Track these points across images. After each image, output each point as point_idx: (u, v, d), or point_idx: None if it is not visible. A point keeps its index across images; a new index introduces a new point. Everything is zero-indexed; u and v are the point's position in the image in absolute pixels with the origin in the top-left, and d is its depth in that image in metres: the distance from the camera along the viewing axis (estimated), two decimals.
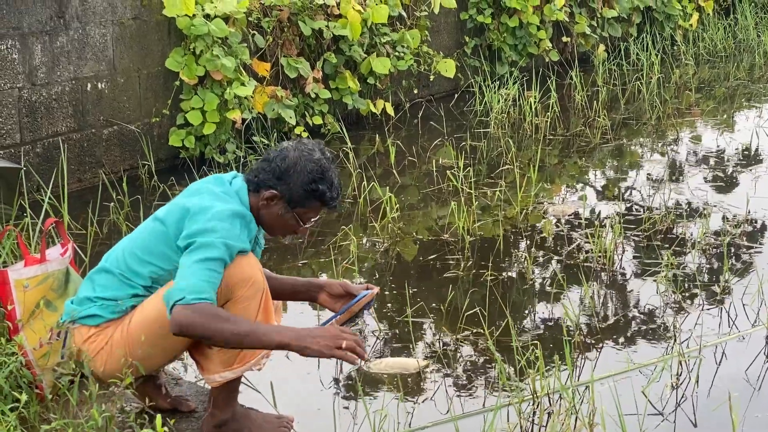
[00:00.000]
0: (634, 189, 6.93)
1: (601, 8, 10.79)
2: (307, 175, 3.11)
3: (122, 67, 6.65)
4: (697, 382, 4.04)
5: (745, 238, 5.77)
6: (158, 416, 2.79)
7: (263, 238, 3.40)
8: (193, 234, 2.97)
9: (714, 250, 5.56)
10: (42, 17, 6.09)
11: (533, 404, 3.75)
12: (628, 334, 4.63)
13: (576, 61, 9.70)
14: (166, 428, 2.76)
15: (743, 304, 4.82)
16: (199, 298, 2.86)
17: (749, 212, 6.11)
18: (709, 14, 12.34)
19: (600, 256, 5.40)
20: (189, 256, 2.95)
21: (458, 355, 4.41)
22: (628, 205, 6.50)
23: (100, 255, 3.35)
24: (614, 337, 4.59)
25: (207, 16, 6.81)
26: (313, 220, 3.22)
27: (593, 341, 4.51)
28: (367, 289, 3.35)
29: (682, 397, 3.96)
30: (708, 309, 4.82)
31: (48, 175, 5.95)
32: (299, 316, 4.64)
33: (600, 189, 7.01)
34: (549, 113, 8.31)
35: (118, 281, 3.11)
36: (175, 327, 2.87)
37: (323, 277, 3.46)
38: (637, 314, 4.86)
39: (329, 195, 3.15)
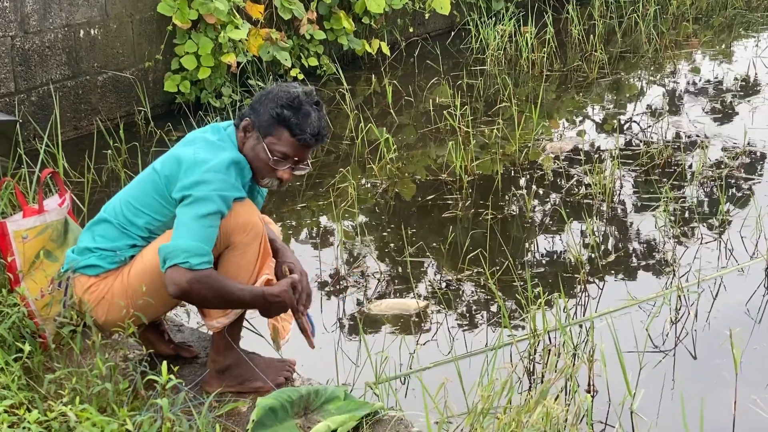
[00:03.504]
0: (632, 123, 6.91)
1: None
2: (276, 100, 3.09)
3: (114, 12, 6.59)
4: (696, 316, 4.07)
5: (743, 170, 5.76)
6: (164, 363, 2.81)
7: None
8: (188, 186, 2.96)
9: (712, 182, 5.56)
10: None
11: (534, 343, 3.78)
12: (628, 270, 4.65)
13: None
14: (171, 375, 2.78)
15: (741, 237, 4.83)
16: (203, 261, 2.90)
17: (747, 144, 6.09)
18: None
19: (599, 192, 5.40)
20: (186, 210, 2.94)
21: (459, 294, 4.43)
22: (627, 139, 6.49)
23: (99, 203, 3.35)
24: (614, 272, 4.61)
25: None
26: (303, 168, 3.16)
27: (594, 278, 4.52)
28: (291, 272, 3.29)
29: (682, 330, 3.99)
30: (707, 242, 4.84)
31: (44, 124, 5.92)
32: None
33: (598, 124, 6.98)
34: (546, 49, 8.25)
35: (117, 231, 3.11)
36: (176, 290, 2.92)
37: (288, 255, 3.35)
38: (637, 249, 4.87)
39: (295, 122, 3.06)
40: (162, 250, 2.94)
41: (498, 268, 4.55)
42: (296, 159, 3.12)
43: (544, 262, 4.77)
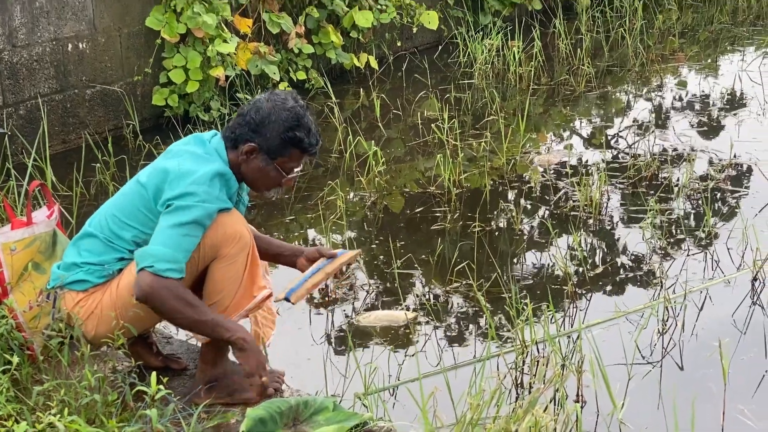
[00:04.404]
0: (620, 136, 6.95)
1: None
2: (282, 123, 3.11)
3: (103, 26, 6.60)
4: (683, 327, 4.08)
5: (729, 183, 5.80)
6: (153, 374, 2.81)
7: (247, 196, 3.40)
8: (171, 198, 2.97)
9: (699, 195, 5.59)
10: None
11: (522, 354, 3.79)
12: (616, 282, 4.67)
13: (559, 9, 9.67)
14: (160, 386, 2.78)
15: (728, 249, 4.85)
16: (170, 269, 2.89)
17: (733, 156, 6.13)
18: None
19: (586, 205, 5.42)
20: (165, 218, 2.96)
21: (447, 306, 4.44)
22: (614, 152, 6.52)
23: (88, 216, 3.35)
24: (602, 284, 4.63)
25: None
26: (296, 170, 3.22)
27: (582, 290, 4.54)
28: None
29: (670, 342, 4.01)
30: (693, 254, 4.86)
31: (32, 138, 5.91)
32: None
33: (585, 137, 7.01)
34: (533, 63, 8.29)
35: (103, 245, 3.11)
36: (139, 293, 2.92)
37: (307, 246, 3.50)
38: (625, 261, 4.89)
39: (307, 141, 3.14)
40: (135, 254, 2.95)
41: (486, 280, 4.56)
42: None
43: (532, 274, 4.79)
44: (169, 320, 3.07)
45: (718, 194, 5.64)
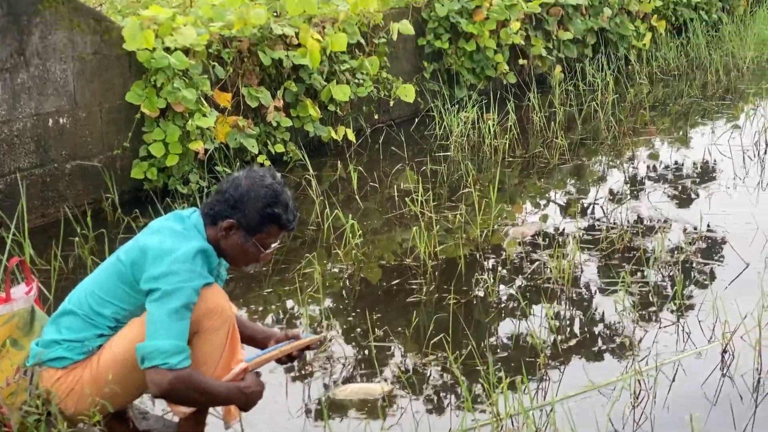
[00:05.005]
0: (593, 208, 7.05)
1: (557, 31, 10.95)
2: (261, 200, 3.20)
3: (84, 101, 6.68)
4: (655, 400, 4.14)
5: (699, 255, 5.89)
6: None
7: (225, 271, 3.47)
8: (155, 278, 3.02)
9: (670, 267, 5.68)
10: (2, 55, 6.11)
11: (497, 427, 3.83)
12: (590, 354, 4.72)
13: (533, 83, 9.84)
14: None
15: (699, 321, 4.93)
16: (182, 360, 2.98)
17: (704, 229, 6.24)
18: (661, 34, 12.53)
19: (560, 277, 5.50)
20: (157, 306, 3.00)
21: (424, 378, 4.48)
22: (587, 224, 6.61)
23: (66, 290, 3.39)
24: (576, 356, 4.68)
25: (167, 49, 6.86)
26: (273, 245, 3.30)
27: (556, 362, 4.59)
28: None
29: (642, 415, 4.06)
30: (665, 326, 4.93)
31: (11, 212, 5.96)
32: None
33: (559, 209, 7.12)
34: (508, 135, 8.43)
35: (83, 322, 3.16)
36: (158, 391, 3.02)
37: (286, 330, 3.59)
38: (597, 333, 4.96)
39: (285, 217, 3.24)
40: (139, 350, 2.99)
41: (462, 352, 4.61)
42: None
43: (507, 346, 4.84)
44: (191, 406, 3.21)
45: (690, 266, 5.73)
